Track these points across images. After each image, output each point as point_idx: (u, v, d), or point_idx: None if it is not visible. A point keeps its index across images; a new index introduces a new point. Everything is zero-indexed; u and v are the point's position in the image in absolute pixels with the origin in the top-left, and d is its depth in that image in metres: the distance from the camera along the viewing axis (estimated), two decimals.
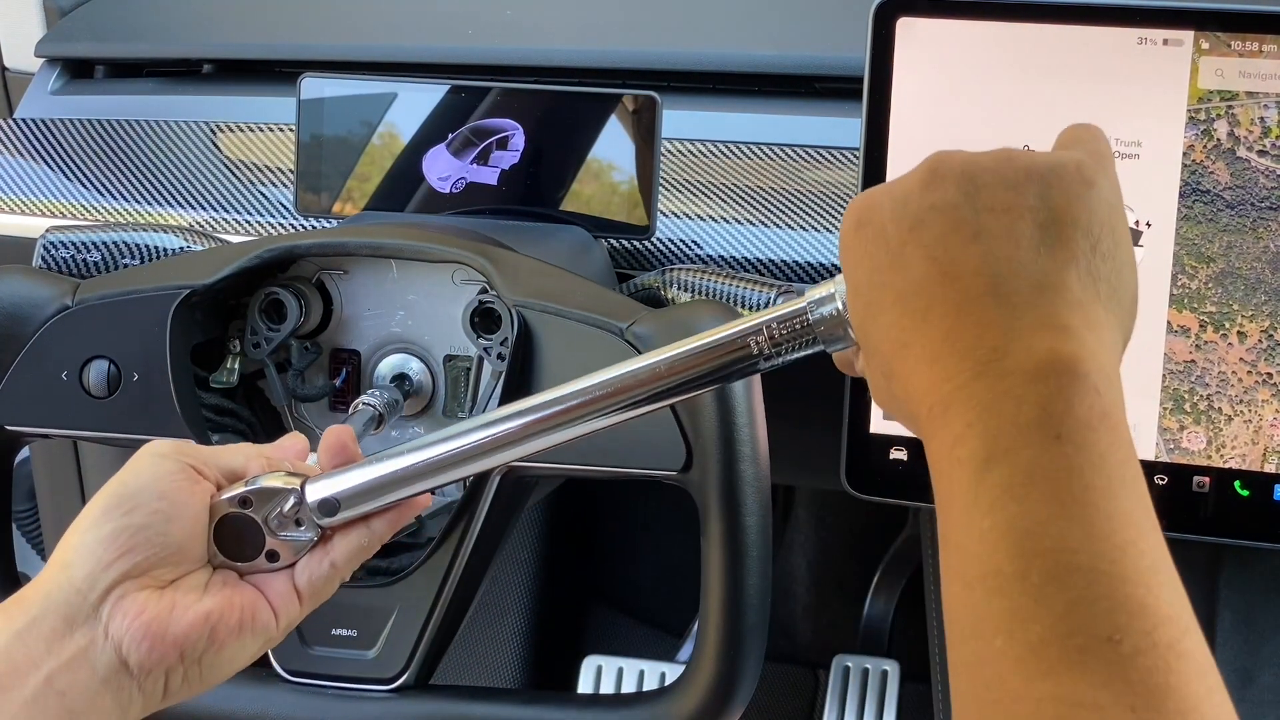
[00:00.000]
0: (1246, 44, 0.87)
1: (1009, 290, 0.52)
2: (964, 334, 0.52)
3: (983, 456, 0.49)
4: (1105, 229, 0.55)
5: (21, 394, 0.90)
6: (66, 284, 0.91)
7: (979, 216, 0.54)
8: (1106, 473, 0.48)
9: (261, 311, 0.92)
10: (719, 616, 0.81)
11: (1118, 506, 0.48)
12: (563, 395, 0.66)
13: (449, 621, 0.87)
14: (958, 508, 0.50)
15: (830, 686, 1.51)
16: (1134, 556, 0.46)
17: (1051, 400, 0.49)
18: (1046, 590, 0.46)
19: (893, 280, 0.55)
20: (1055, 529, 0.47)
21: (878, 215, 0.57)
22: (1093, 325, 0.52)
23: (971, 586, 0.48)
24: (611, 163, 1.00)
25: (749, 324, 0.63)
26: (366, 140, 1.04)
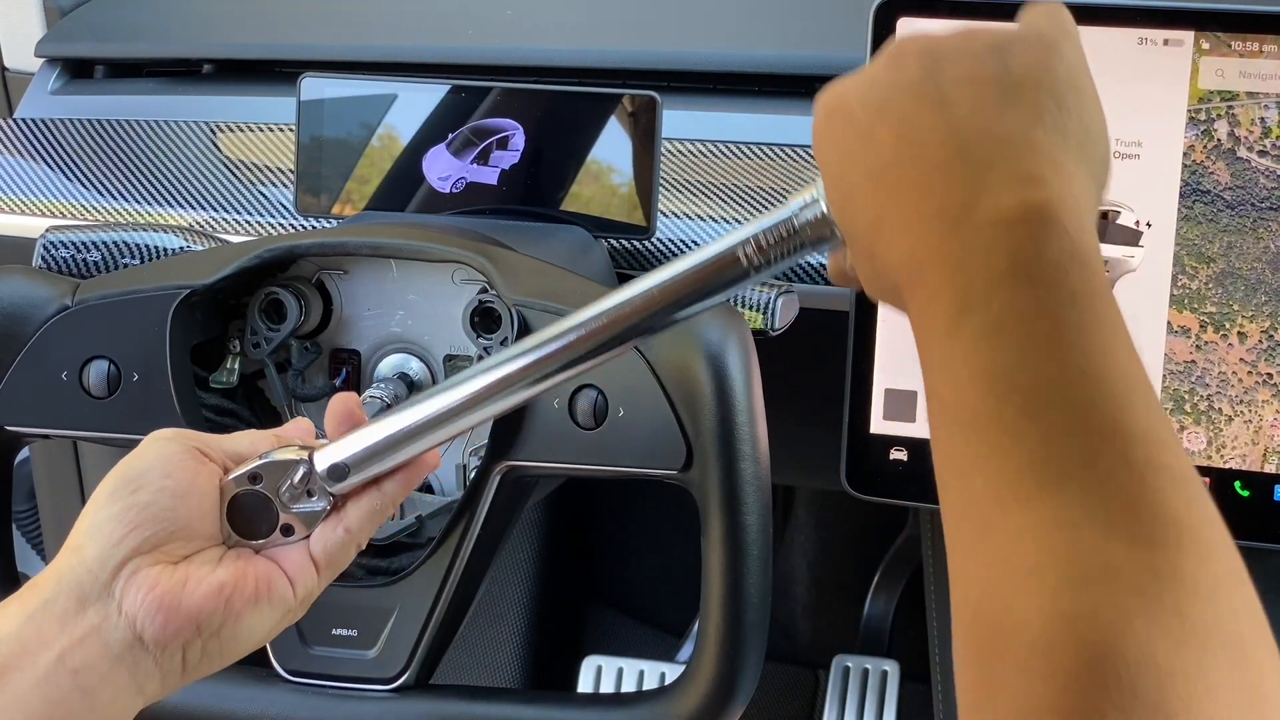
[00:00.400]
0: (1247, 44, 0.87)
1: (975, 152, 0.53)
2: (934, 198, 0.53)
3: (957, 308, 0.50)
4: (1069, 86, 0.55)
5: (21, 394, 0.90)
6: (66, 284, 0.91)
7: (943, 89, 0.55)
8: (1079, 309, 0.49)
9: (261, 311, 0.92)
10: (719, 615, 0.81)
11: (1091, 341, 0.48)
12: (561, 330, 0.65)
13: (449, 621, 0.87)
14: (936, 361, 0.51)
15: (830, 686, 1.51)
16: (1109, 383, 0.47)
17: (1021, 246, 0.50)
18: (1021, 425, 0.47)
19: (864, 161, 0.56)
20: (1028, 368, 0.48)
21: (845, 102, 0.58)
22: (1061, 174, 0.52)
23: (951, 433, 0.49)
24: (611, 163, 1.00)
25: (736, 237, 0.63)
26: (366, 140, 1.04)
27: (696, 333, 0.80)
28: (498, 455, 0.84)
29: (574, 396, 0.83)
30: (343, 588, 0.88)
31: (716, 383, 0.80)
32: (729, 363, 0.80)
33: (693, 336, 0.80)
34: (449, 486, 0.92)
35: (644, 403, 0.81)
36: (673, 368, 0.81)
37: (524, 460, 0.84)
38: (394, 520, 0.92)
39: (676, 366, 0.80)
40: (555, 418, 0.83)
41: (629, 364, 0.82)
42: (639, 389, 0.81)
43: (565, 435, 0.83)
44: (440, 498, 0.92)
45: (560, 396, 0.83)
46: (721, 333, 0.80)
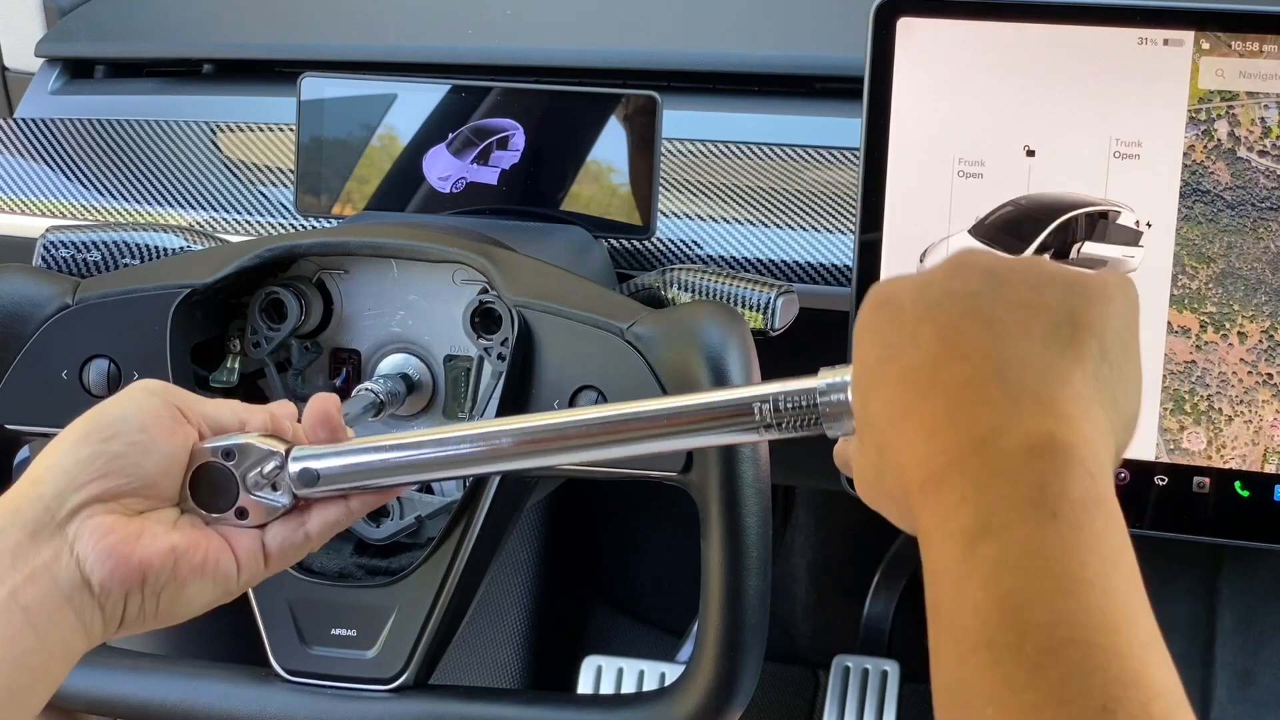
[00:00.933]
0: (1247, 44, 0.87)
1: (1014, 376, 0.53)
2: (964, 411, 0.52)
3: (976, 530, 0.50)
4: (1117, 340, 0.56)
5: (21, 393, 0.90)
6: (66, 283, 0.91)
7: (996, 307, 0.55)
8: (1101, 554, 0.49)
9: (262, 311, 0.92)
10: (719, 617, 0.81)
11: (1113, 585, 0.48)
12: (561, 423, 0.67)
13: (449, 621, 0.87)
14: (949, 580, 0.50)
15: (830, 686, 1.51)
16: (1128, 633, 0.47)
17: (1047, 480, 0.50)
18: (1041, 661, 0.46)
19: (902, 355, 0.56)
20: (1051, 604, 0.47)
21: (897, 297, 0.58)
22: (1091, 419, 0.52)
23: (964, 658, 0.48)
24: (612, 163, 1.00)
25: (756, 391, 0.64)
26: (366, 140, 1.04)
27: (696, 333, 0.80)
28: None
29: (574, 397, 0.83)
30: (342, 588, 0.88)
31: (716, 383, 0.80)
32: (729, 363, 0.80)
33: (692, 337, 0.80)
34: (449, 487, 0.92)
35: None
36: (672, 368, 0.81)
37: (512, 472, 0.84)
38: (394, 520, 0.92)
39: (676, 366, 0.80)
40: None
41: (629, 364, 0.82)
42: (639, 390, 0.81)
43: None
44: (440, 498, 0.92)
45: (560, 397, 0.83)
46: (721, 333, 0.80)
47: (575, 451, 0.67)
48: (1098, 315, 0.55)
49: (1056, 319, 0.55)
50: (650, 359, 0.81)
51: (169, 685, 0.89)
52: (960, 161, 0.92)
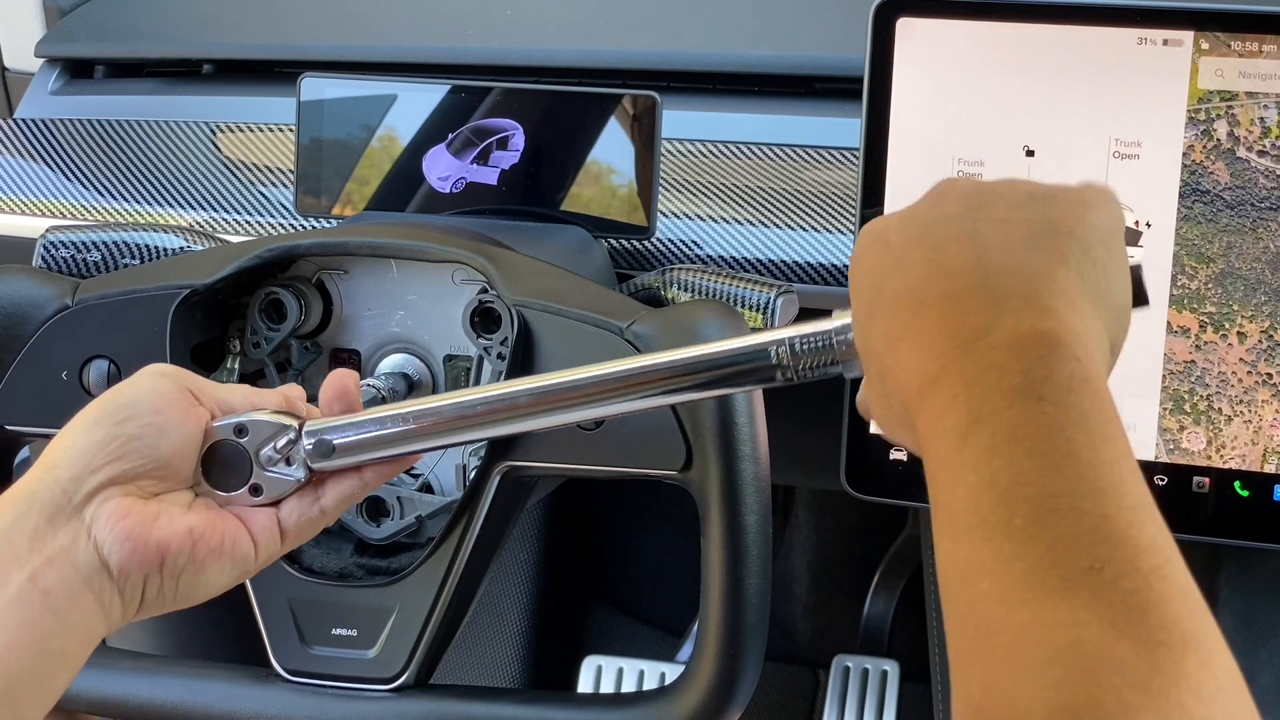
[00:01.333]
0: (1246, 44, 0.87)
1: (999, 282, 0.55)
2: (953, 319, 0.54)
3: (967, 421, 0.51)
4: (1097, 241, 0.57)
5: (22, 394, 0.90)
6: (66, 284, 0.91)
7: (978, 225, 0.57)
8: (1089, 429, 0.50)
9: (261, 311, 0.92)
10: (719, 615, 0.81)
11: (1100, 457, 0.49)
12: (576, 379, 0.67)
13: (449, 621, 0.87)
14: (944, 471, 0.52)
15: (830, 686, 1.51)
16: (1116, 498, 0.48)
17: (1032, 367, 0.51)
18: (1030, 531, 0.48)
19: (892, 283, 0.58)
20: (1038, 478, 0.49)
21: (885, 231, 0.60)
22: (1076, 310, 0.54)
23: (959, 539, 0.50)
24: (611, 163, 1.00)
25: (773, 335, 0.65)
26: (366, 140, 1.04)
27: (695, 331, 0.80)
28: (497, 455, 0.85)
29: None
30: (342, 587, 0.88)
31: None
32: None
33: (692, 335, 0.80)
34: (449, 486, 0.92)
35: None
36: None
37: (524, 460, 0.84)
38: (394, 520, 0.92)
39: None
40: None
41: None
42: None
43: (565, 435, 0.83)
44: (440, 498, 0.92)
45: None
46: (720, 331, 0.81)
47: (592, 406, 0.67)
48: (1077, 220, 0.57)
49: (1037, 229, 0.57)
50: None
51: (169, 685, 0.89)
52: (960, 161, 0.92)
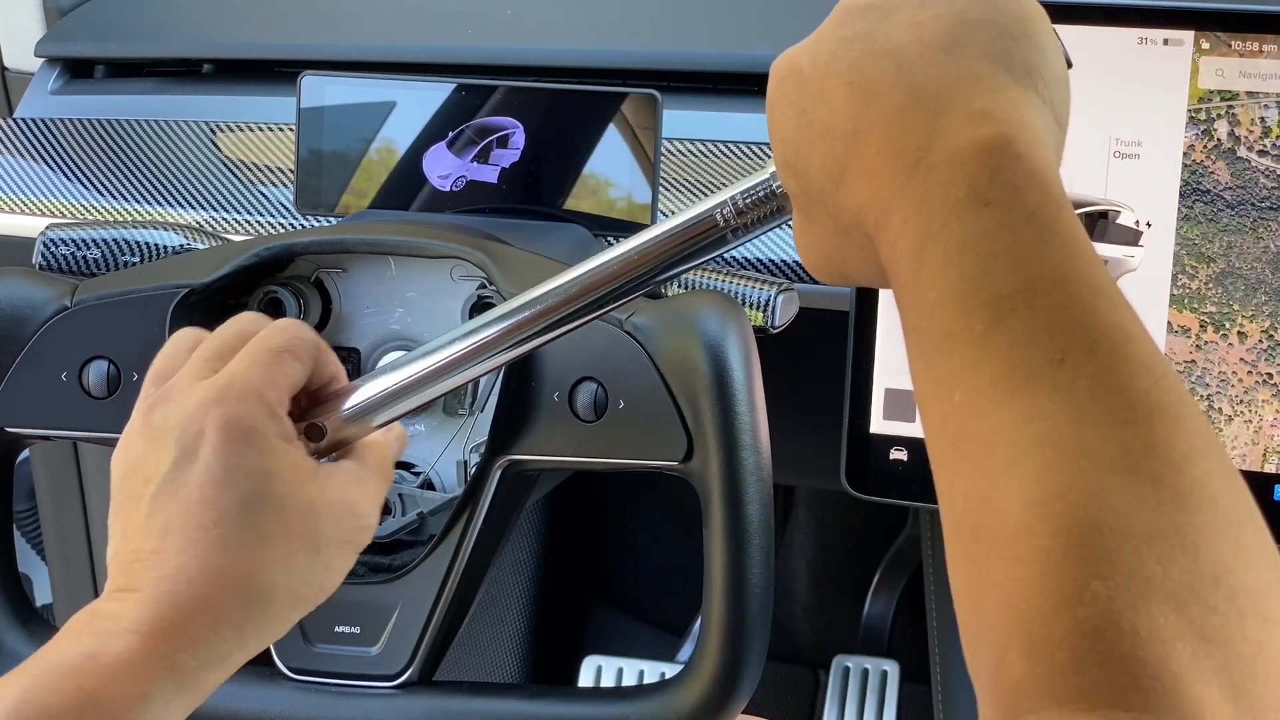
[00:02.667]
0: (1247, 44, 0.87)
1: (926, 94, 0.54)
2: (891, 144, 0.54)
3: (921, 240, 0.51)
4: (1015, 21, 0.56)
5: (21, 396, 0.90)
6: (65, 284, 0.91)
7: (890, 36, 0.56)
8: (1037, 224, 0.50)
9: (260, 310, 0.92)
10: (722, 606, 0.81)
11: (1051, 250, 0.49)
12: (542, 293, 0.67)
13: (452, 618, 0.87)
14: (907, 293, 0.52)
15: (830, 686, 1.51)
16: (1071, 288, 0.48)
17: (975, 175, 0.51)
18: (990, 335, 0.48)
19: (818, 116, 0.57)
20: (991, 282, 0.49)
21: (795, 64, 0.59)
22: (1012, 104, 0.53)
23: (928, 358, 0.51)
24: (612, 161, 1.00)
25: (714, 199, 0.64)
26: (367, 139, 1.04)
27: (696, 323, 0.80)
28: (498, 450, 0.84)
29: (574, 389, 0.83)
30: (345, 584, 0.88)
31: (716, 373, 0.80)
32: (728, 353, 0.80)
33: (692, 327, 0.80)
34: (450, 483, 0.92)
35: (644, 394, 0.81)
36: (672, 359, 0.81)
37: (525, 454, 0.84)
38: (395, 517, 0.92)
39: (676, 357, 0.81)
40: (555, 411, 0.83)
41: (629, 355, 0.82)
42: (639, 380, 0.81)
43: (566, 428, 0.83)
44: (441, 494, 0.92)
45: (560, 390, 0.83)
46: (721, 323, 0.81)
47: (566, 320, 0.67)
48: (985, 5, 0.56)
49: (949, 25, 0.56)
50: (650, 349, 0.81)
51: None
52: None
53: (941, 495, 0.49)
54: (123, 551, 0.65)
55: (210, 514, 0.64)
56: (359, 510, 0.69)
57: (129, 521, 0.66)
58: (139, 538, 0.65)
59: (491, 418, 0.84)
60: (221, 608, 0.63)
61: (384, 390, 0.70)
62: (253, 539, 0.64)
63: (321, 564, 0.67)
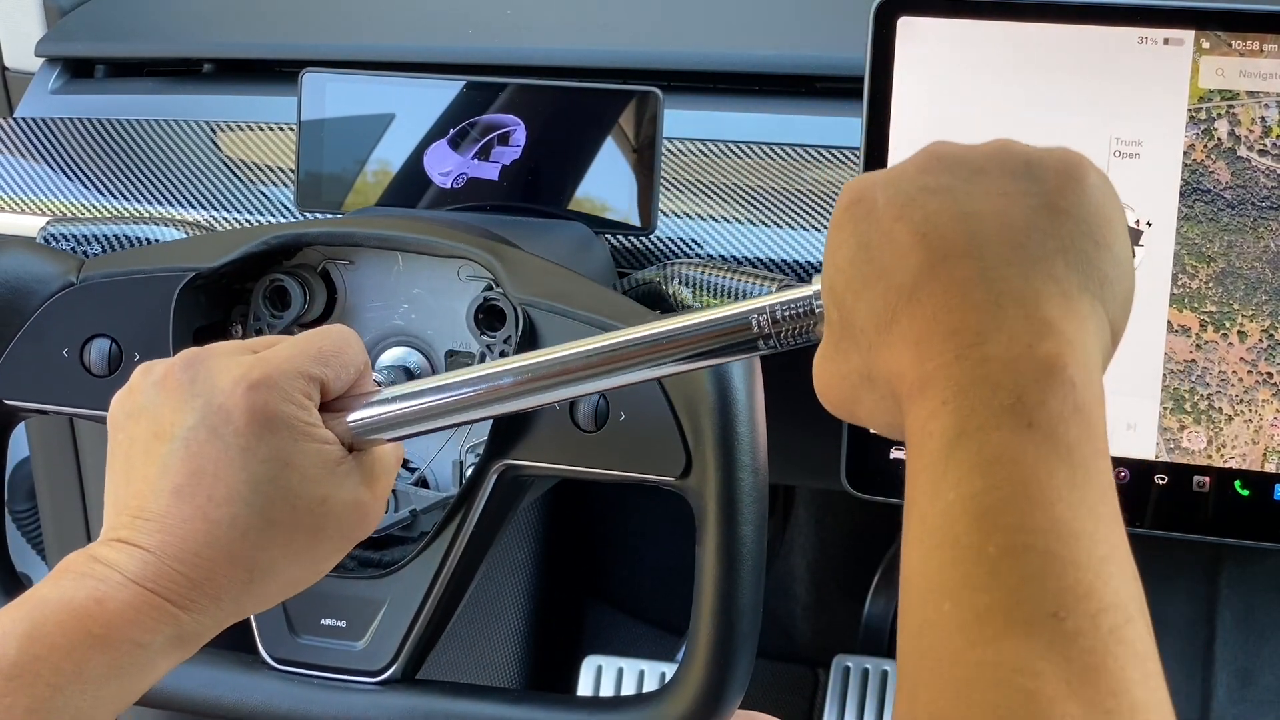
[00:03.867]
0: (1247, 43, 0.87)
1: (996, 276, 0.53)
2: (949, 317, 0.53)
3: (955, 432, 0.50)
4: (1100, 218, 0.55)
5: (21, 369, 0.89)
6: (71, 261, 0.90)
7: (971, 199, 0.55)
8: (1073, 464, 0.49)
9: (265, 298, 0.92)
10: (710, 624, 0.81)
11: (1081, 497, 0.49)
12: (562, 356, 0.67)
13: (439, 617, 0.87)
14: (925, 478, 0.51)
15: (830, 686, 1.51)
16: (1089, 545, 0.48)
17: (1026, 390, 0.50)
18: (1001, 563, 0.47)
19: (880, 257, 0.56)
20: (1016, 509, 0.48)
21: (870, 193, 0.57)
22: (1077, 317, 0.52)
23: (929, 553, 0.50)
24: (612, 159, 1.00)
25: (755, 303, 0.64)
26: (368, 136, 1.04)
27: None
28: (496, 453, 0.84)
29: (576, 399, 0.83)
30: (333, 578, 0.87)
31: (719, 392, 0.79)
32: (732, 372, 0.80)
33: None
34: (444, 482, 0.92)
35: (646, 408, 0.81)
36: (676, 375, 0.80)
37: (522, 460, 0.84)
38: (388, 513, 0.92)
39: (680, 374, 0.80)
40: (556, 419, 0.83)
41: None
42: (641, 394, 0.81)
43: (565, 437, 0.83)
44: (435, 493, 0.92)
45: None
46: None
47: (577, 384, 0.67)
48: (1074, 194, 0.55)
49: (1033, 204, 0.54)
50: None
51: None
52: None
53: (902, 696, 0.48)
54: (126, 500, 0.67)
55: (222, 490, 0.65)
56: (366, 510, 0.70)
57: (133, 470, 0.67)
58: (146, 494, 0.66)
59: (491, 421, 0.84)
60: (222, 581, 0.65)
61: (398, 412, 0.70)
62: (260, 523, 0.65)
63: (321, 554, 0.69)
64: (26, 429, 1.40)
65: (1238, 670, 1.38)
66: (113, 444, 0.69)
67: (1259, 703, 1.38)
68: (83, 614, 0.62)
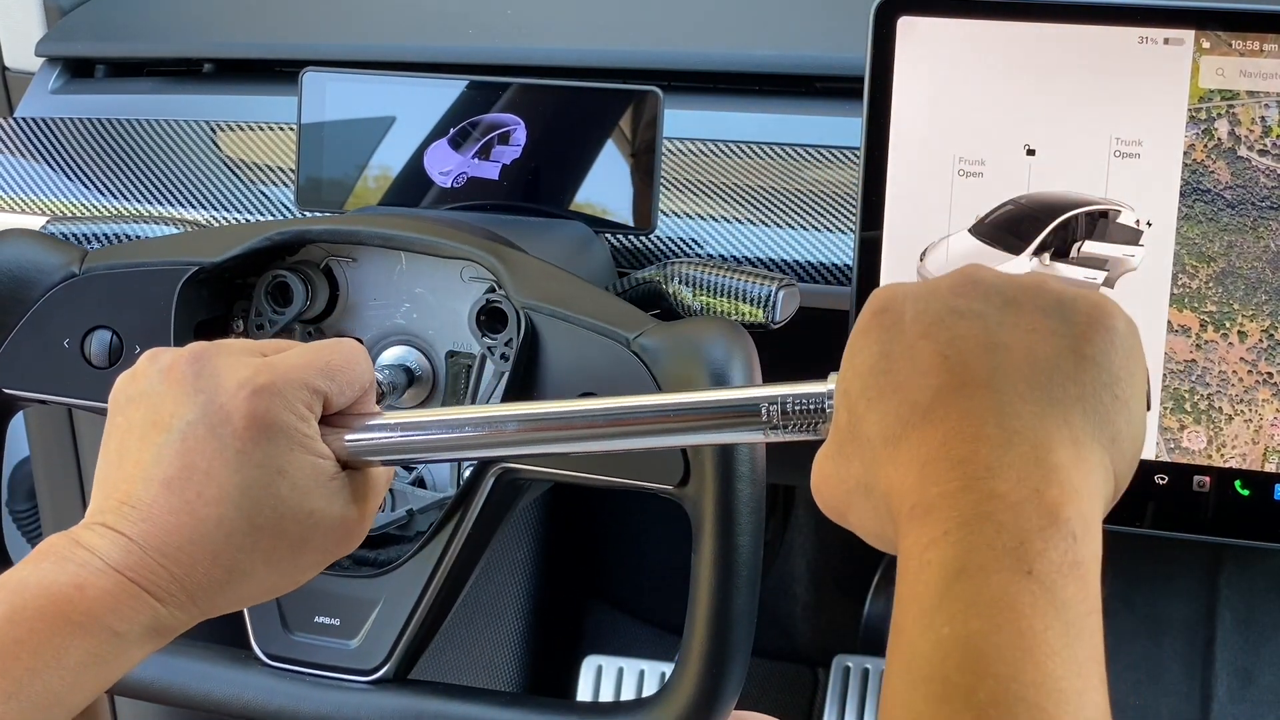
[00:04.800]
0: (1248, 43, 0.87)
1: (1011, 413, 0.52)
2: (960, 445, 0.52)
3: (955, 567, 0.50)
4: (1123, 372, 0.55)
5: (22, 358, 0.89)
6: (74, 252, 0.91)
7: (1001, 329, 0.55)
8: (1067, 620, 0.49)
9: (268, 294, 0.92)
10: (704, 633, 0.81)
11: (1073, 654, 0.49)
12: (568, 412, 0.68)
13: (433, 617, 0.87)
14: (918, 608, 0.51)
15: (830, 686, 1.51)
16: (1076, 706, 0.48)
17: (1029, 537, 0.50)
18: (989, 712, 0.47)
19: (900, 370, 0.55)
20: (1010, 658, 0.48)
21: (899, 305, 0.57)
22: (1084, 466, 0.52)
23: (917, 685, 0.49)
24: (613, 159, 1.00)
25: (766, 392, 0.64)
26: (368, 135, 1.04)
27: (702, 348, 0.80)
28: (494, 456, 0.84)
29: None
30: (328, 576, 0.88)
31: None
32: (732, 379, 0.80)
33: (698, 352, 0.80)
34: (442, 482, 0.92)
35: None
36: (676, 382, 0.80)
37: (520, 464, 0.84)
38: (384, 512, 0.92)
39: (680, 381, 0.80)
40: None
41: (633, 375, 0.81)
42: None
43: None
44: (432, 493, 0.92)
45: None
46: (726, 350, 0.80)
47: (579, 442, 0.68)
48: (1102, 343, 0.55)
49: (1062, 349, 0.54)
50: (655, 370, 0.81)
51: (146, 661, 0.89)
52: (960, 160, 0.92)
53: None
54: (115, 484, 0.67)
55: (214, 489, 0.65)
56: (351, 527, 0.70)
57: (126, 455, 0.67)
58: (137, 480, 0.66)
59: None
60: (201, 578, 0.66)
61: (400, 440, 0.71)
62: (246, 527, 0.66)
63: (300, 565, 0.69)
64: (26, 426, 1.40)
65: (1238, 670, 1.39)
66: (110, 425, 0.69)
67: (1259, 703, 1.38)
68: (62, 600, 0.62)
